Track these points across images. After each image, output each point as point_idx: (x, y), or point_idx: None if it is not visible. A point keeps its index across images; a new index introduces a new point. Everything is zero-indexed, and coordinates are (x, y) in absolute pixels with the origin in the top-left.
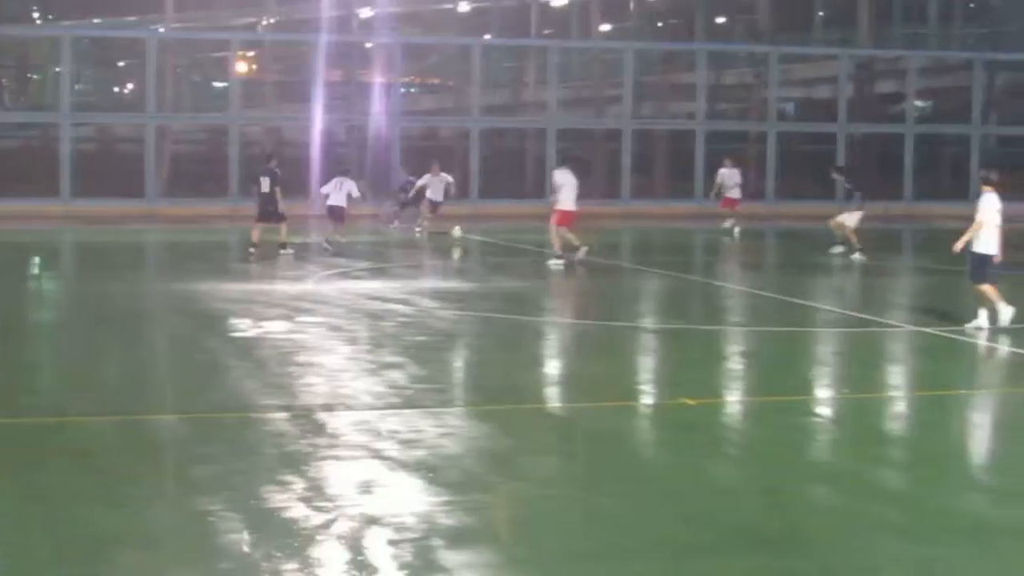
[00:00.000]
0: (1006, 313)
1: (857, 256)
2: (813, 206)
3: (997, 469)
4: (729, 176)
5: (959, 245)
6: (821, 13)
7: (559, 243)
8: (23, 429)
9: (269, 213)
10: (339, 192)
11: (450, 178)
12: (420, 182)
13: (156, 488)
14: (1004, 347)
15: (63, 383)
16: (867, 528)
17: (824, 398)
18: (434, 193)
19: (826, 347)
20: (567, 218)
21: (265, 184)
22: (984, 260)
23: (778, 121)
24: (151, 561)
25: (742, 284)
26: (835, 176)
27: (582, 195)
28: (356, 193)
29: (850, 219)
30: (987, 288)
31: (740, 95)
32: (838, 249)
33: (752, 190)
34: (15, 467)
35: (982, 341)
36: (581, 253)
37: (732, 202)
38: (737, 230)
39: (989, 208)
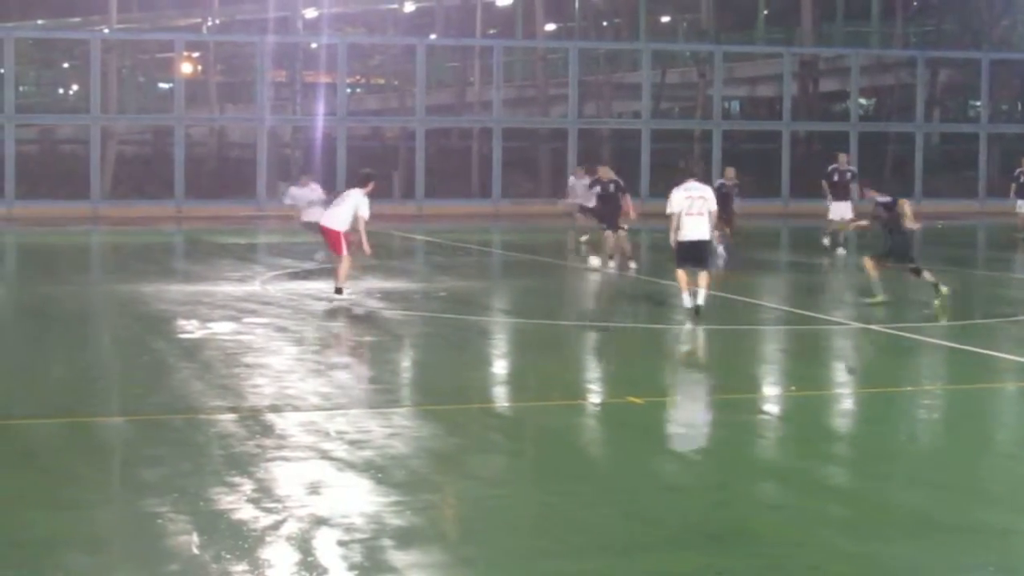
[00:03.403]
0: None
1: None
2: (758, 204)
3: (942, 465)
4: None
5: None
6: (765, 12)
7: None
8: None
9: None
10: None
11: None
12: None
13: (103, 490)
14: (951, 344)
15: (7, 385)
16: (813, 524)
17: (772, 395)
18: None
19: (776, 345)
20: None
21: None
22: None
23: (723, 120)
24: (98, 564)
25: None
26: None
27: (528, 193)
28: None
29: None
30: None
31: (685, 94)
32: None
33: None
34: None
35: (933, 340)
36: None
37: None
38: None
39: None
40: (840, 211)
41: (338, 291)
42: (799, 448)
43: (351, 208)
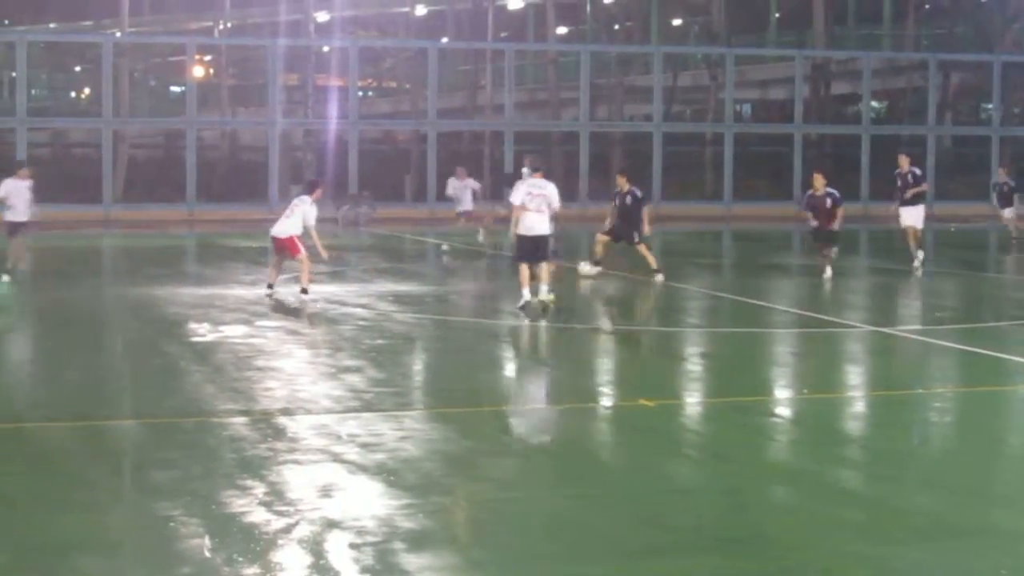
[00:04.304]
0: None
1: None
2: (768, 207)
3: (955, 468)
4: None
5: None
6: (776, 15)
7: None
8: None
9: None
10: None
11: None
12: None
13: (115, 493)
14: (962, 347)
15: (21, 388)
16: (826, 528)
17: (784, 398)
18: None
19: (787, 348)
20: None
21: None
22: None
23: (735, 123)
24: (111, 566)
25: (700, 285)
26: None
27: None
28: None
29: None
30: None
31: (696, 97)
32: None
33: (709, 192)
34: None
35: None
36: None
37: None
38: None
39: None
40: (909, 217)
41: (304, 291)
42: (812, 451)
43: (299, 217)
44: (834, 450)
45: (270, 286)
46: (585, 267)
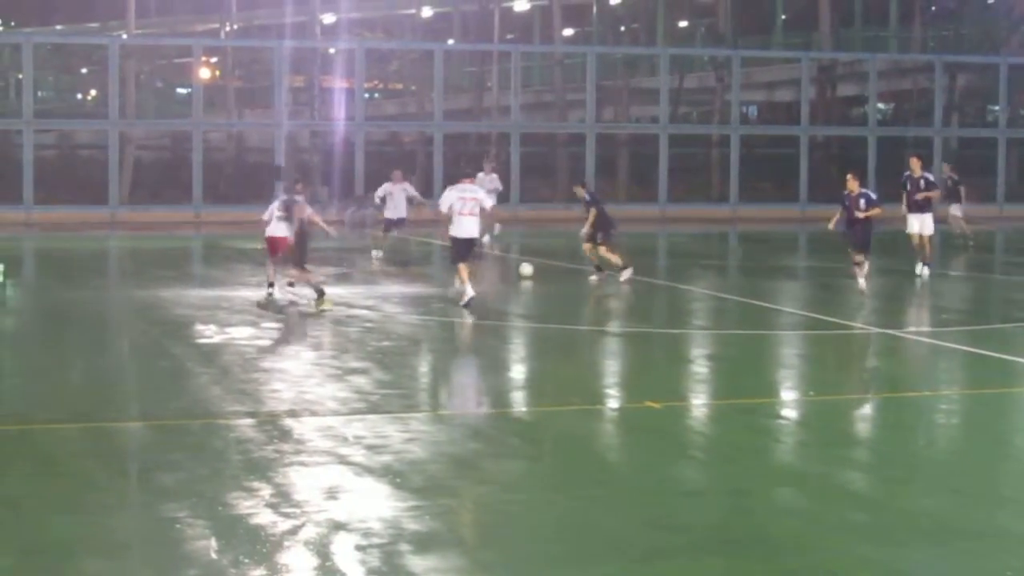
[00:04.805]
0: None
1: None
2: (774, 209)
3: (961, 470)
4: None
5: None
6: (783, 17)
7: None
8: None
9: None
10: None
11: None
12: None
13: (122, 495)
14: (968, 348)
15: (27, 390)
16: (833, 530)
17: (790, 400)
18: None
19: (794, 350)
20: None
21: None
22: None
23: (741, 124)
24: (117, 568)
25: (706, 287)
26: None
27: (546, 198)
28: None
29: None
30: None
31: (703, 98)
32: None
33: (715, 194)
34: None
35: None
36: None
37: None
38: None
39: None
40: (918, 223)
41: (290, 284)
42: (818, 453)
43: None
44: (840, 452)
45: (271, 284)
46: (593, 278)
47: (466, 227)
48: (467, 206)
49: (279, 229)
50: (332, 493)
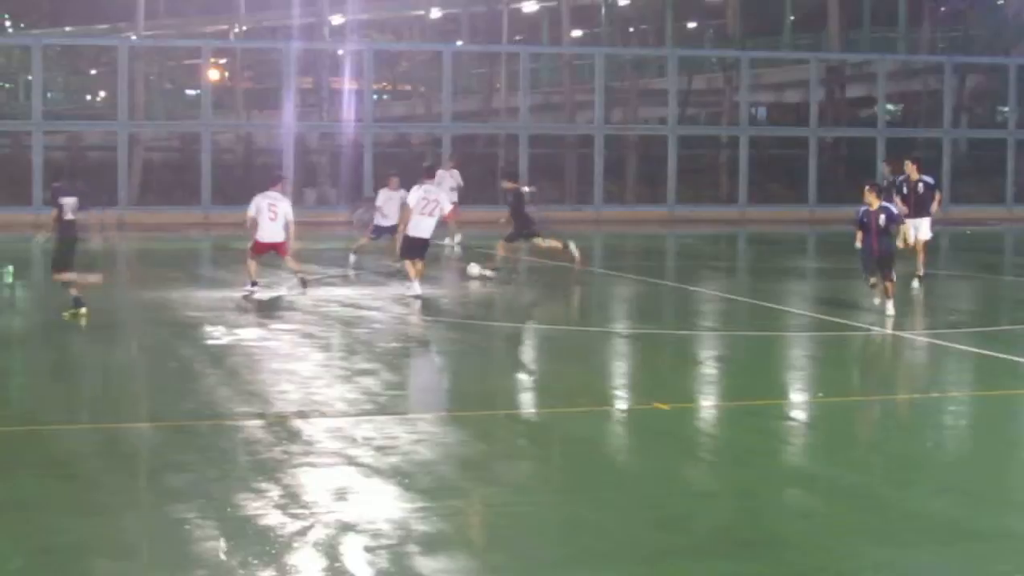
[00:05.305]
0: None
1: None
2: (783, 211)
3: (970, 472)
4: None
5: None
6: (791, 18)
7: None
8: None
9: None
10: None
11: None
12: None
13: (130, 496)
14: (977, 350)
15: (36, 391)
16: (842, 532)
17: (798, 402)
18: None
19: (801, 351)
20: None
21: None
22: None
23: (749, 126)
24: (126, 570)
25: (716, 288)
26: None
27: (555, 200)
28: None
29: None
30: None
31: (711, 100)
32: None
33: (724, 196)
34: None
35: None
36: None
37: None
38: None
39: None
40: (912, 229)
41: (303, 283)
42: (827, 455)
43: (284, 217)
44: (849, 454)
45: (254, 283)
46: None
47: (424, 227)
48: (428, 207)
49: (275, 233)
50: (341, 494)
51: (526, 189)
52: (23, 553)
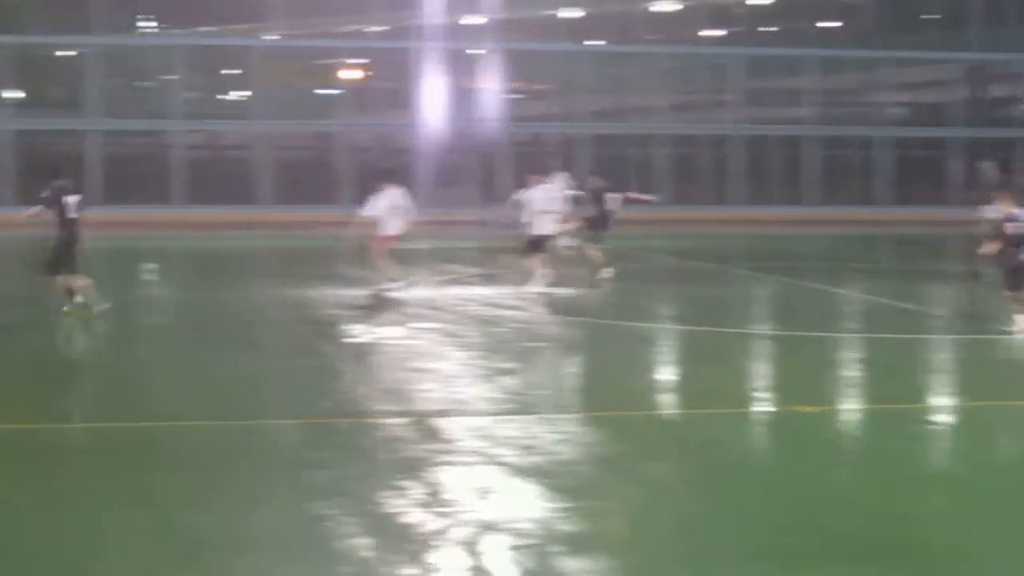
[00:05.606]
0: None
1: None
2: (925, 212)
3: None
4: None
5: None
6: (932, 16)
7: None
8: (137, 434)
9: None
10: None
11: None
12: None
13: (271, 493)
14: None
15: (177, 388)
16: (991, 540)
17: (942, 406)
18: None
19: (943, 355)
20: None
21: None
22: None
23: (888, 126)
24: (267, 566)
25: (863, 291)
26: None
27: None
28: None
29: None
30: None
31: (849, 100)
32: None
33: (863, 196)
34: (127, 472)
35: None
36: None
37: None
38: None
39: None
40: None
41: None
42: (973, 460)
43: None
44: (993, 459)
45: (393, 281)
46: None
47: (545, 224)
48: (549, 204)
49: (392, 226)
50: (483, 493)
51: (650, 197)
52: (161, 548)
